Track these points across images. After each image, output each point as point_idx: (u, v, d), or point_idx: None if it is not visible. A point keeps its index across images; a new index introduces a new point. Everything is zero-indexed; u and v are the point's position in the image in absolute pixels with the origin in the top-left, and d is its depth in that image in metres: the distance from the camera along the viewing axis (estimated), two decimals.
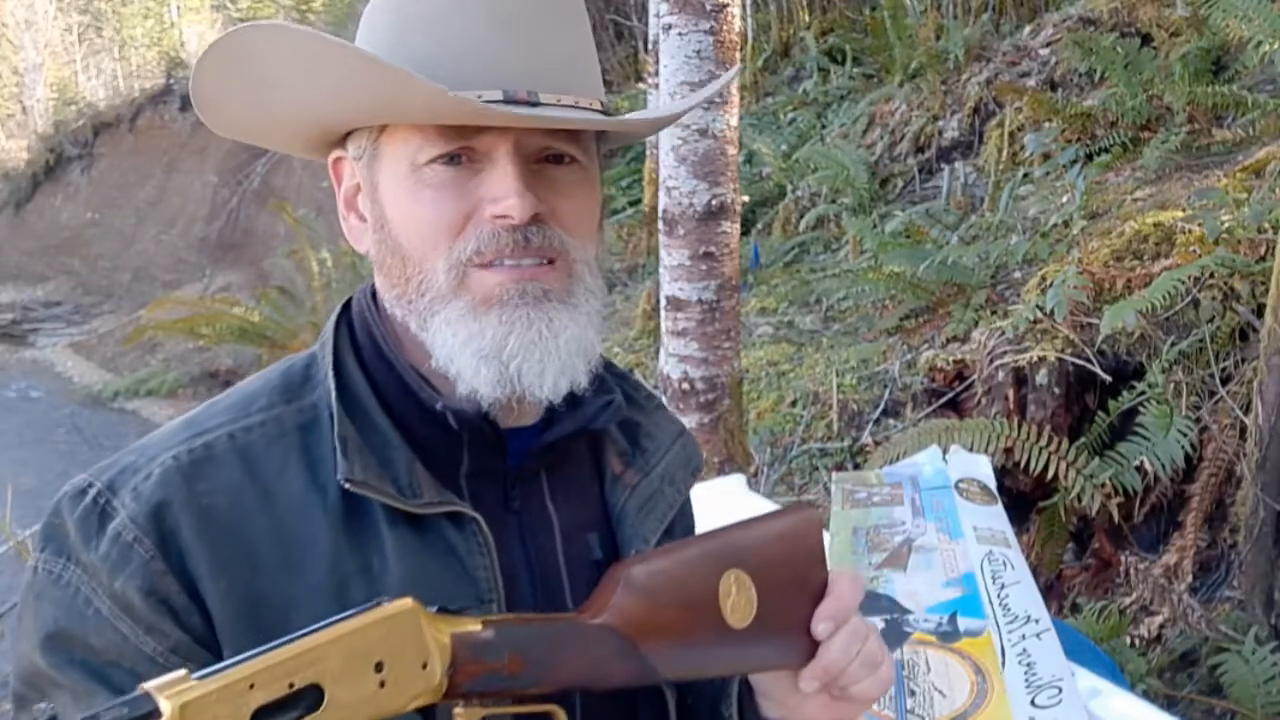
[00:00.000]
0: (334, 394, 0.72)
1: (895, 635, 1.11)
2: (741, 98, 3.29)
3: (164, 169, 19.31)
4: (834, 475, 1.53)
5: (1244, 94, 4.49)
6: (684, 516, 0.89)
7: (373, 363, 0.75)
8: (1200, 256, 3.02)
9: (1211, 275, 2.94)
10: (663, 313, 2.96)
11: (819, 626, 0.72)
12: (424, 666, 0.56)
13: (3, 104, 31.66)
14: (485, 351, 0.70)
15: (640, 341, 6.13)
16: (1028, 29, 6.87)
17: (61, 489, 0.69)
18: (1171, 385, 2.89)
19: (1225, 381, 2.83)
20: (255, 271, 14.36)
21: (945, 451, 1.53)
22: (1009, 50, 6.67)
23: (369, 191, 0.75)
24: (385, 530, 0.70)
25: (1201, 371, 2.88)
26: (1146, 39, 5.50)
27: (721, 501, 1.66)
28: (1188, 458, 2.77)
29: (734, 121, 2.90)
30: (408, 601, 0.56)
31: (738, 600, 0.70)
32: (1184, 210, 3.47)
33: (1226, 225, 3.14)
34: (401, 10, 0.72)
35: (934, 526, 1.34)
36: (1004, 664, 1.06)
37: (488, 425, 0.73)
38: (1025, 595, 1.18)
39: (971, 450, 1.79)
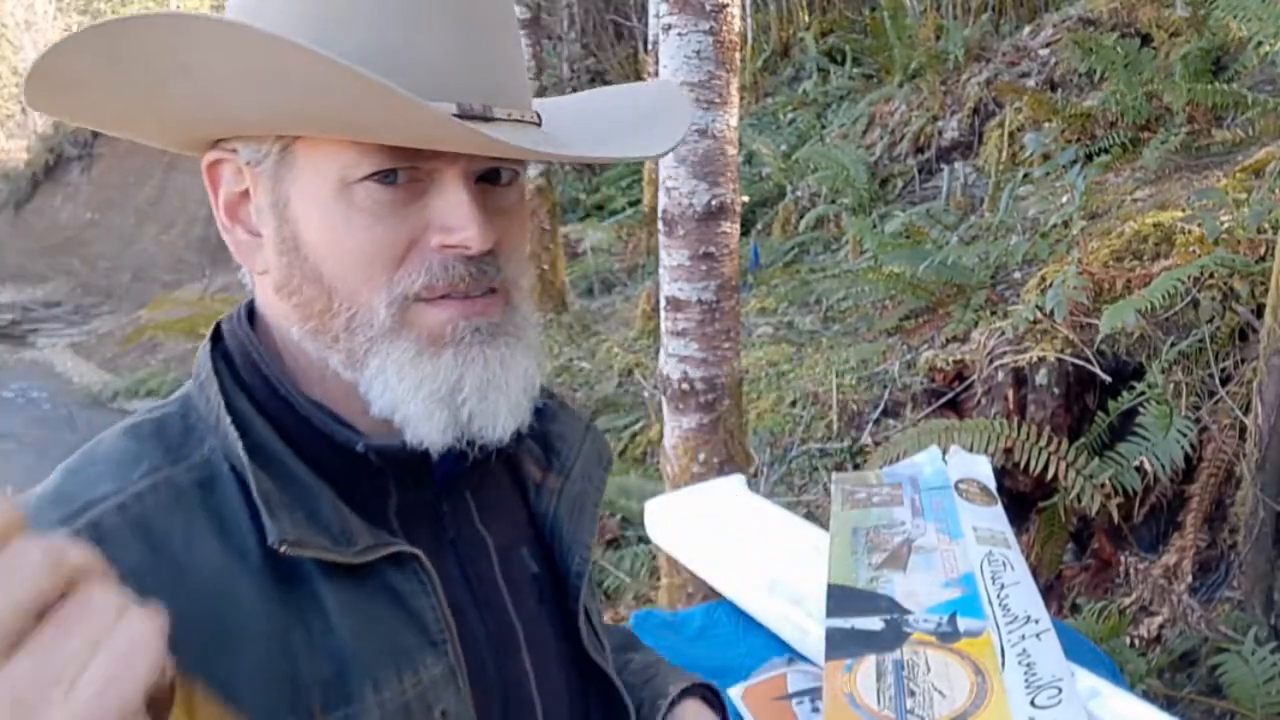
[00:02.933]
0: (240, 444, 0.62)
1: (895, 635, 1.11)
2: (741, 98, 3.29)
3: (164, 169, 19.32)
4: (834, 475, 1.53)
5: (1244, 94, 4.49)
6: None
7: (268, 403, 0.66)
8: (1200, 256, 3.02)
9: (1211, 275, 2.94)
10: (662, 313, 2.96)
11: None
12: None
13: (2, 104, 31.64)
14: (439, 395, 0.64)
15: (640, 341, 6.14)
16: (1027, 29, 6.88)
17: None
18: (1171, 385, 2.89)
19: (1225, 381, 2.83)
20: None
21: (945, 452, 1.53)
22: (1009, 50, 6.67)
23: (272, 205, 0.65)
24: (322, 586, 0.62)
25: (1201, 371, 2.88)
26: (1146, 39, 5.51)
27: (721, 502, 1.66)
28: (1187, 458, 2.77)
29: (734, 121, 2.90)
30: None
31: None
32: (1184, 210, 3.47)
33: (1226, 225, 3.14)
34: (336, 2, 0.61)
35: (934, 527, 1.34)
36: (1004, 664, 1.06)
37: (418, 457, 0.67)
38: (1025, 595, 1.18)
39: (971, 450, 1.79)
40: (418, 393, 0.64)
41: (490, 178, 0.66)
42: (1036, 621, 1.13)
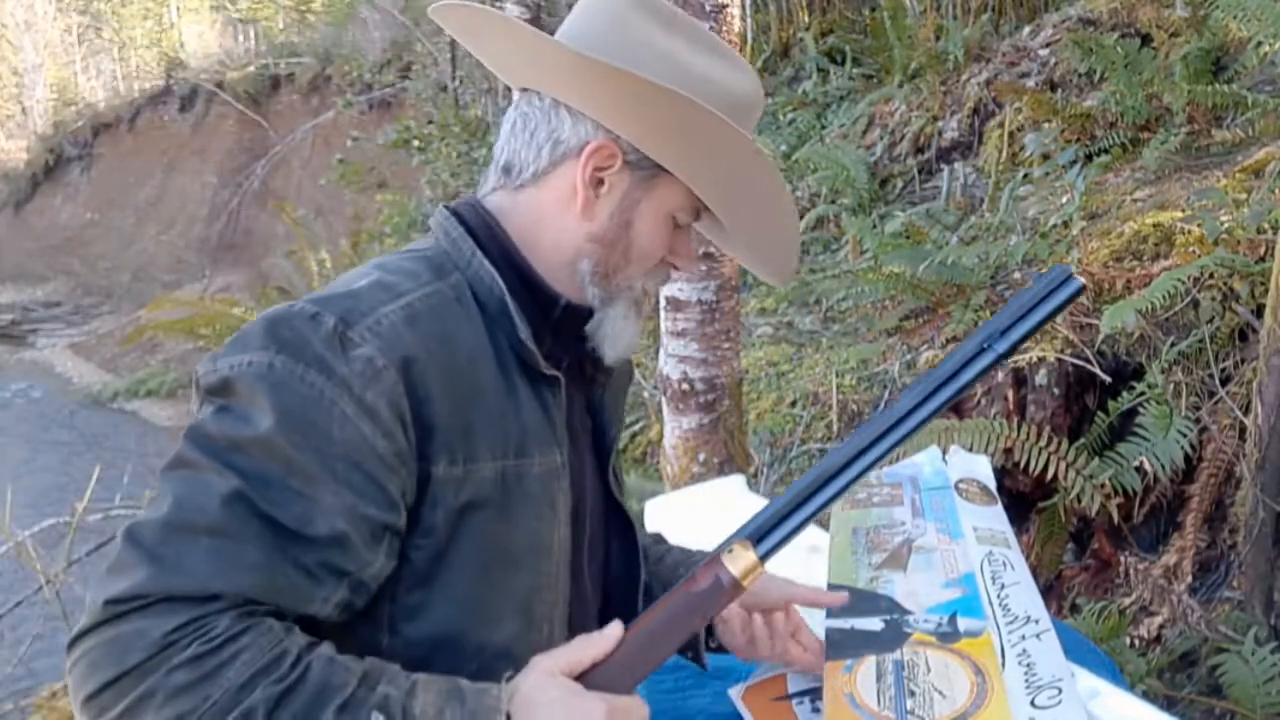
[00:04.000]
0: (499, 279, 0.98)
1: (895, 636, 1.11)
2: None
3: (164, 169, 19.32)
4: None
5: (1244, 94, 4.49)
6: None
7: (500, 263, 1.00)
8: (1200, 257, 3.02)
9: (1211, 276, 2.94)
10: (662, 313, 2.96)
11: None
12: None
13: (2, 104, 31.67)
14: (628, 336, 1.06)
15: (640, 341, 6.13)
16: (1027, 29, 6.87)
17: (277, 310, 0.89)
18: (1171, 386, 2.89)
19: (1225, 382, 2.83)
20: (255, 272, 14.37)
21: (945, 452, 1.53)
22: (1008, 50, 6.66)
23: (625, 194, 1.01)
24: (519, 382, 0.97)
25: (1201, 372, 2.88)
26: (1146, 39, 5.50)
27: (721, 502, 1.66)
28: (1187, 458, 2.77)
29: None
30: None
31: None
32: (1184, 211, 3.47)
33: (1226, 226, 3.14)
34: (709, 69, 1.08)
35: (934, 527, 1.34)
36: (1004, 664, 1.06)
37: (583, 319, 1.03)
38: (1025, 596, 1.18)
39: (971, 450, 1.79)
40: (620, 334, 1.05)
41: None
42: (1036, 621, 1.13)
